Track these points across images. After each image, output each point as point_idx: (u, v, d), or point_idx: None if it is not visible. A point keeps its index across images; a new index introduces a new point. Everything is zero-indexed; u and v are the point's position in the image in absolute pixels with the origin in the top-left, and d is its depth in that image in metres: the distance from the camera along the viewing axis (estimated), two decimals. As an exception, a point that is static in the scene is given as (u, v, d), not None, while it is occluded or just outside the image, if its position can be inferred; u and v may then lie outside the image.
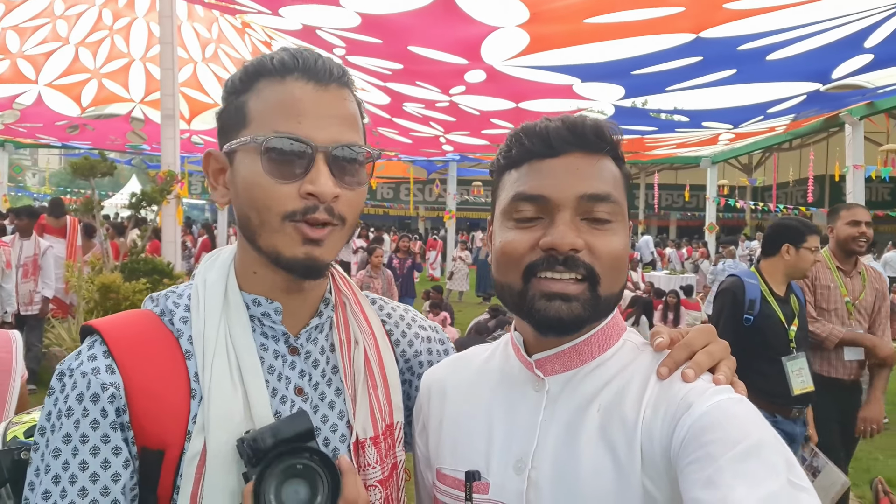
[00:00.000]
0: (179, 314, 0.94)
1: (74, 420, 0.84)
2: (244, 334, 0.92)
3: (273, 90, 0.88)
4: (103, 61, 13.86)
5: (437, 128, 12.42)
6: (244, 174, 0.89)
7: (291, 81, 0.88)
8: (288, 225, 0.87)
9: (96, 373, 0.86)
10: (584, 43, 7.19)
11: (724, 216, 25.08)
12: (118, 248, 8.37)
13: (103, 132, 15.97)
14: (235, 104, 0.91)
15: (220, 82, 14.63)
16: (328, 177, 0.86)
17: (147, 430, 0.86)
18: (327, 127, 0.88)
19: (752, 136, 12.76)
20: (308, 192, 0.86)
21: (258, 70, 0.90)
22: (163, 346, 0.91)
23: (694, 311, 12.57)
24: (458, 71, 8.42)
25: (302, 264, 0.88)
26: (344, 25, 7.35)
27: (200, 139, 15.96)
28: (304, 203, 0.86)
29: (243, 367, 0.90)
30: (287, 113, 0.87)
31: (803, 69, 7.57)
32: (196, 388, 0.89)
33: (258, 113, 0.88)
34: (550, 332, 0.88)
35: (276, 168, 0.86)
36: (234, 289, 0.95)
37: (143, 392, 0.87)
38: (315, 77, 0.88)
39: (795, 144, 22.92)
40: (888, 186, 24.22)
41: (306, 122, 0.86)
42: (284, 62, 0.89)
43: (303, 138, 0.86)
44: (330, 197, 0.86)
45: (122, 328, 0.92)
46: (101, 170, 7.50)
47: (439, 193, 19.25)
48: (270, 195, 0.86)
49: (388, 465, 0.99)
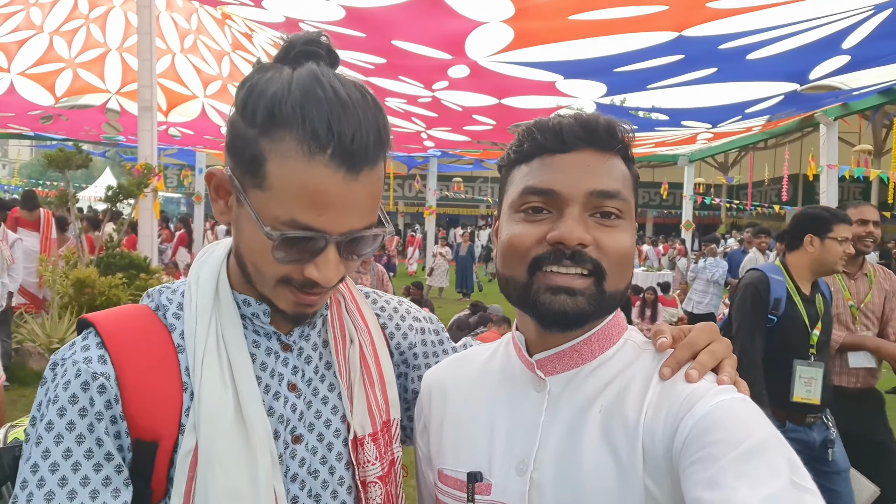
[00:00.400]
0: (172, 309, 0.94)
1: (59, 407, 0.83)
2: (235, 332, 0.92)
3: (297, 169, 0.78)
4: (78, 50, 13.55)
5: (419, 123, 12.40)
6: (249, 234, 0.85)
7: (320, 165, 0.78)
8: (281, 287, 0.87)
9: (88, 362, 0.86)
10: (567, 39, 7.21)
11: (700, 214, 25.42)
12: (93, 242, 8.22)
13: (78, 122, 15.66)
14: (251, 144, 0.81)
15: (198, 74, 14.41)
16: (336, 264, 0.85)
17: (140, 422, 0.86)
18: (348, 217, 0.82)
19: (729, 136, 12.93)
20: (310, 277, 0.85)
21: (284, 121, 0.79)
22: (157, 340, 0.91)
23: (671, 308, 12.73)
24: (442, 66, 8.40)
25: (291, 317, 0.92)
26: (328, 18, 7.28)
27: (178, 131, 15.71)
28: (303, 278, 0.86)
29: (234, 365, 0.90)
30: (309, 202, 0.79)
31: (782, 69, 7.68)
32: (188, 382, 0.89)
33: (278, 185, 0.79)
34: (554, 326, 0.88)
35: (284, 252, 0.83)
36: (226, 287, 0.95)
37: (136, 383, 0.86)
38: (347, 162, 0.78)
39: (771, 144, 23.32)
40: (860, 186, 24.77)
41: (327, 215, 0.80)
42: (317, 134, 0.77)
43: (319, 230, 0.81)
44: (330, 284, 0.86)
45: (116, 321, 0.92)
46: (76, 162, 7.36)
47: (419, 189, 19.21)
48: (271, 266, 0.85)
49: (387, 461, 1.00)
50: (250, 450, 0.87)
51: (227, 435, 0.86)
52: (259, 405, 0.89)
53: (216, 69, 14.39)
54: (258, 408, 0.89)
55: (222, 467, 0.85)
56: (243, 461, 0.86)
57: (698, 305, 8.64)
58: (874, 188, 22.59)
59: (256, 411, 0.88)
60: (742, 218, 25.71)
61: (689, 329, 0.92)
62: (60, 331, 6.98)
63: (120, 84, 14.45)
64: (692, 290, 8.84)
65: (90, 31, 13.26)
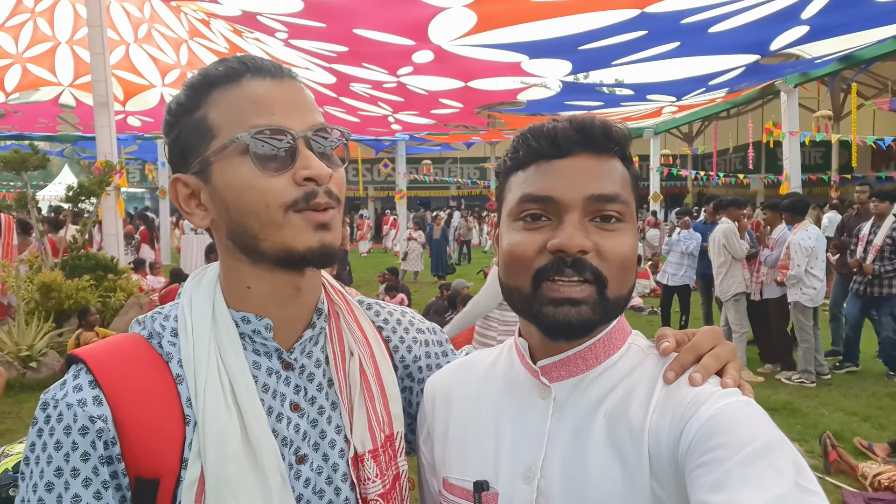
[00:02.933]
0: (167, 337, 0.91)
1: (65, 453, 0.81)
2: (235, 354, 0.89)
3: (232, 95, 0.87)
4: (26, 45, 13.08)
5: (386, 108, 12.29)
6: (230, 181, 0.86)
7: (248, 81, 0.87)
8: (293, 216, 0.85)
9: (83, 405, 0.83)
10: (530, 21, 7.18)
11: (667, 185, 25.76)
12: (56, 245, 7.99)
13: (32, 116, 15.19)
14: (191, 122, 0.88)
15: (155, 63, 14.02)
16: (316, 158, 0.86)
17: (140, 460, 0.83)
18: (299, 114, 0.87)
19: (693, 108, 13.09)
20: (304, 176, 0.84)
21: (207, 81, 0.89)
22: (152, 372, 0.88)
23: (643, 280, 12.89)
24: (406, 52, 8.31)
25: (318, 252, 0.87)
26: (286, 11, 7.14)
27: (137, 119, 15.32)
28: (303, 190, 0.85)
29: (237, 389, 0.87)
30: (256, 109, 0.85)
31: (743, 41, 7.77)
32: (190, 414, 0.86)
33: (224, 120, 0.86)
34: (560, 336, 0.87)
35: (265, 162, 0.84)
36: (222, 307, 0.92)
37: (134, 422, 0.84)
38: (269, 73, 0.88)
39: (733, 113, 23.64)
40: (819, 150, 25.31)
41: (279, 113, 0.86)
42: (233, 67, 0.88)
43: (283, 127, 0.85)
44: (327, 177, 0.86)
45: (108, 356, 0.89)
46: (33, 163, 7.13)
47: (388, 173, 19.07)
48: (266, 191, 0.84)
49: (390, 477, 0.98)
50: (260, 473, 0.85)
51: (235, 460, 0.84)
52: (265, 427, 0.87)
53: (174, 57, 14.03)
54: (264, 430, 0.87)
55: (232, 493, 0.83)
56: (254, 485, 0.84)
57: (673, 278, 8.74)
58: (834, 152, 23.13)
59: (263, 433, 0.86)
60: (708, 187, 26.12)
61: (693, 333, 0.92)
62: (28, 338, 6.80)
63: (73, 77, 14.02)
64: (667, 263, 8.93)
65: (37, 25, 12.81)
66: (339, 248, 0.90)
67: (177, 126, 0.90)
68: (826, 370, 7.02)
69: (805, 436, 5.24)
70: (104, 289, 7.29)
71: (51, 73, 13.83)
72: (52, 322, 6.98)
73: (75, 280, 6.87)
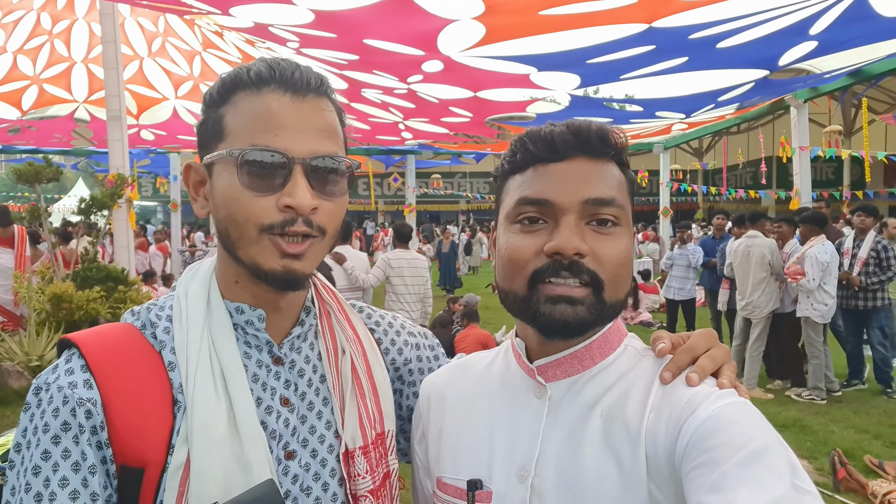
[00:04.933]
0: (162, 325, 0.92)
1: (53, 436, 0.82)
2: (228, 342, 0.91)
3: (250, 102, 0.88)
4: (43, 66, 13.31)
5: (397, 114, 12.33)
6: (222, 187, 0.88)
7: (268, 93, 0.87)
8: (265, 238, 0.86)
9: (73, 387, 0.84)
10: (539, 34, 7.23)
11: (678, 200, 25.69)
12: (66, 257, 8.06)
13: (47, 131, 15.39)
14: (213, 117, 0.91)
15: (168, 76, 14.18)
16: (306, 188, 0.86)
17: (126, 448, 0.84)
18: (305, 139, 0.87)
19: (702, 123, 13.08)
20: (285, 204, 0.85)
21: (234, 82, 0.90)
22: (143, 360, 0.89)
23: (652, 295, 12.82)
24: (415, 61, 8.38)
25: (280, 277, 0.88)
26: (297, 22, 7.22)
27: (151, 133, 15.48)
28: (282, 216, 0.86)
29: (227, 375, 0.88)
30: (264, 125, 0.86)
31: (752, 56, 7.78)
32: (180, 399, 0.87)
33: (235, 126, 0.88)
34: (556, 335, 0.88)
35: (254, 181, 0.85)
36: (217, 297, 0.94)
37: (122, 407, 0.84)
38: (292, 88, 0.88)
39: (743, 128, 23.63)
40: (832, 166, 25.18)
41: (283, 135, 0.86)
42: (261, 74, 0.88)
43: (280, 150, 0.85)
44: (307, 209, 0.86)
45: (100, 341, 0.90)
46: (46, 176, 7.21)
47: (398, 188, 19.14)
48: (248, 208, 0.86)
49: (380, 474, 0.98)
50: (245, 462, 0.85)
51: (220, 447, 0.84)
52: (253, 416, 0.88)
53: (187, 69, 14.18)
54: (252, 418, 0.87)
55: (216, 481, 0.83)
56: (238, 474, 0.84)
57: (679, 292, 8.66)
58: (846, 167, 23.00)
59: (251, 422, 0.87)
60: (719, 202, 26.02)
61: (689, 335, 0.92)
62: (39, 348, 6.84)
63: (87, 93, 14.20)
64: (670, 277, 8.85)
65: (54, 47, 13.04)
66: (308, 275, 0.91)
67: (205, 115, 0.93)
68: (837, 387, 6.93)
69: (815, 453, 5.16)
70: (114, 300, 7.33)
71: (66, 91, 14.04)
72: (62, 332, 7.03)
73: (86, 291, 6.92)
